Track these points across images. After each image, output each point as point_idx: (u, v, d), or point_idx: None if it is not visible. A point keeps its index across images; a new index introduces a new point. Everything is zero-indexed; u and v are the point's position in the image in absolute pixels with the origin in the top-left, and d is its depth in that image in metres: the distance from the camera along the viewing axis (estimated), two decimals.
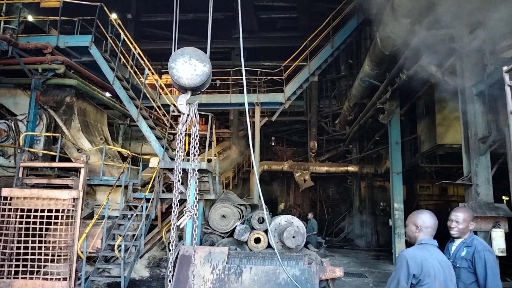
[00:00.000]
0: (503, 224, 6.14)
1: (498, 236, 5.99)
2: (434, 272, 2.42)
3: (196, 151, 3.31)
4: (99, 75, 10.39)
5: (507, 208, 6.31)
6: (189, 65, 2.97)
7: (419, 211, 2.77)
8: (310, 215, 12.15)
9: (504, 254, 5.91)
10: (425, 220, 2.66)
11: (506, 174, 6.27)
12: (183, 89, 3.10)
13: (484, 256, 2.86)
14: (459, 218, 3.09)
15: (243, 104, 12.85)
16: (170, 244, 3.48)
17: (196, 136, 3.26)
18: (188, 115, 3.12)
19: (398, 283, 2.48)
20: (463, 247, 3.05)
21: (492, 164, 6.70)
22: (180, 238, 9.46)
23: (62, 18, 9.64)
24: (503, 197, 9.76)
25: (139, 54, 10.06)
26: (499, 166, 6.98)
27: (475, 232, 5.83)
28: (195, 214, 3.39)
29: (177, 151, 3.20)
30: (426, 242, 2.60)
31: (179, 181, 3.23)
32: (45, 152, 8.92)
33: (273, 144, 22.26)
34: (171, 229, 3.39)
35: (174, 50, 3.12)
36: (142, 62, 10.01)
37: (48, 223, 7.34)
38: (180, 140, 3.17)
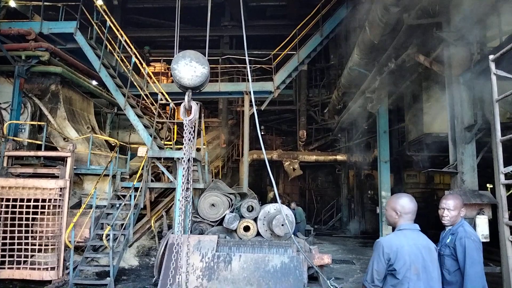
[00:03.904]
0: (487, 211, 6.27)
1: (482, 222, 6.12)
2: (409, 260, 2.40)
3: (192, 142, 3.65)
4: (85, 63, 10.19)
5: (491, 195, 6.44)
6: (190, 67, 3.30)
7: (398, 196, 2.70)
8: (293, 205, 11.88)
9: (488, 240, 6.04)
10: (405, 205, 2.60)
11: (490, 162, 6.38)
12: (184, 88, 3.42)
13: (465, 243, 2.84)
14: (450, 205, 3.04)
15: (232, 93, 12.79)
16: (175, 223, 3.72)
17: (192, 130, 3.65)
18: (188, 111, 3.47)
19: (379, 269, 2.48)
20: (449, 234, 3.05)
21: (477, 152, 6.81)
22: (169, 227, 9.46)
23: (45, 3, 9.39)
24: (488, 185, 9.95)
25: (125, 41, 9.87)
26: (484, 154, 7.10)
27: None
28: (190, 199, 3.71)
29: (185, 143, 3.58)
30: (405, 227, 2.56)
31: (189, 170, 3.63)
32: (30, 141, 8.77)
33: (262, 133, 22.28)
34: (178, 217, 3.62)
35: (176, 53, 3.48)
36: (129, 49, 9.83)
37: (35, 213, 7.26)
38: (189, 132, 3.55)
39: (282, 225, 7.43)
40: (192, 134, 3.60)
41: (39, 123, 9.05)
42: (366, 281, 2.57)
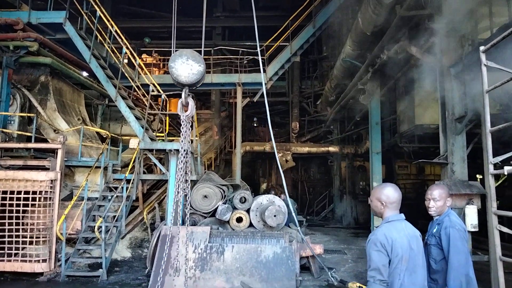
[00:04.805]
0: (476, 201, 6.36)
1: (472, 212, 6.21)
2: (401, 252, 2.41)
3: (188, 136, 3.89)
4: (75, 54, 10.04)
5: (480, 186, 6.53)
6: (187, 65, 3.51)
7: (382, 186, 2.68)
8: (283, 196, 11.69)
9: (477, 230, 6.15)
10: (390, 195, 2.58)
11: (480, 153, 6.46)
12: (181, 85, 3.65)
13: (449, 233, 2.90)
14: (435, 195, 3.09)
15: (224, 84, 12.72)
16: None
17: (188, 123, 3.84)
18: (185, 106, 3.71)
19: (384, 266, 2.40)
20: (435, 224, 3.11)
21: (468, 143, 6.88)
22: (162, 218, 9.46)
23: None
24: (477, 176, 10.09)
25: (116, 31, 9.73)
26: (474, 145, 7.19)
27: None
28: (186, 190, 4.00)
29: (182, 138, 3.82)
30: (393, 219, 2.55)
31: (186, 162, 3.87)
32: (20, 132, 8.66)
33: (255, 125, 22.24)
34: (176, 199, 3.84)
35: (173, 52, 3.79)
36: (119, 40, 9.70)
37: (25, 205, 7.20)
38: (185, 126, 3.79)
39: (275, 216, 7.48)
40: (189, 129, 3.81)
41: (28, 114, 8.93)
42: (376, 282, 2.38)
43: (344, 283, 5.32)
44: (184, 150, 3.82)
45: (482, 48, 3.55)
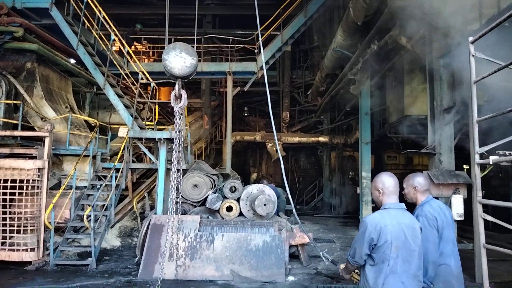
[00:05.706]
0: (463, 190, 6.49)
1: (458, 201, 6.34)
2: (391, 238, 2.47)
3: (181, 127, 4.05)
4: (62, 40, 9.83)
5: (466, 176, 6.65)
6: (180, 58, 3.60)
7: (378, 175, 2.79)
8: (265, 182, 11.55)
9: (462, 218, 6.28)
10: (385, 181, 2.68)
11: (468, 143, 6.56)
12: (174, 78, 3.75)
13: (419, 221, 2.96)
14: (404, 183, 3.23)
15: (215, 73, 12.63)
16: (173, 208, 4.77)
17: (181, 114, 3.99)
18: (178, 98, 3.81)
19: (360, 247, 2.58)
20: (415, 212, 3.19)
21: (455, 134, 6.98)
22: (152, 207, 9.44)
23: None
24: (464, 166, 10.25)
25: (104, 18, 9.53)
26: (461, 136, 7.29)
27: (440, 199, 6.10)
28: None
29: (176, 129, 3.95)
30: (390, 206, 2.62)
31: (179, 151, 4.00)
32: (6, 120, 8.50)
33: (245, 114, 22.17)
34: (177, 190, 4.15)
35: (167, 40, 4.06)
36: (107, 26, 9.52)
37: (13, 194, 7.12)
38: (178, 118, 3.91)
39: (265, 205, 7.53)
40: (182, 120, 3.95)
41: (14, 102, 8.76)
42: (349, 255, 2.73)
43: (335, 264, 5.43)
44: (178, 141, 3.92)
45: (470, 39, 3.57)
